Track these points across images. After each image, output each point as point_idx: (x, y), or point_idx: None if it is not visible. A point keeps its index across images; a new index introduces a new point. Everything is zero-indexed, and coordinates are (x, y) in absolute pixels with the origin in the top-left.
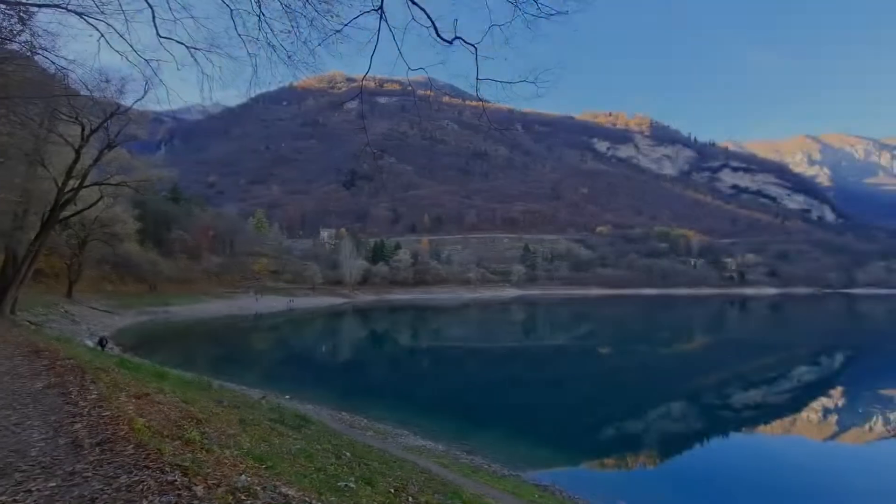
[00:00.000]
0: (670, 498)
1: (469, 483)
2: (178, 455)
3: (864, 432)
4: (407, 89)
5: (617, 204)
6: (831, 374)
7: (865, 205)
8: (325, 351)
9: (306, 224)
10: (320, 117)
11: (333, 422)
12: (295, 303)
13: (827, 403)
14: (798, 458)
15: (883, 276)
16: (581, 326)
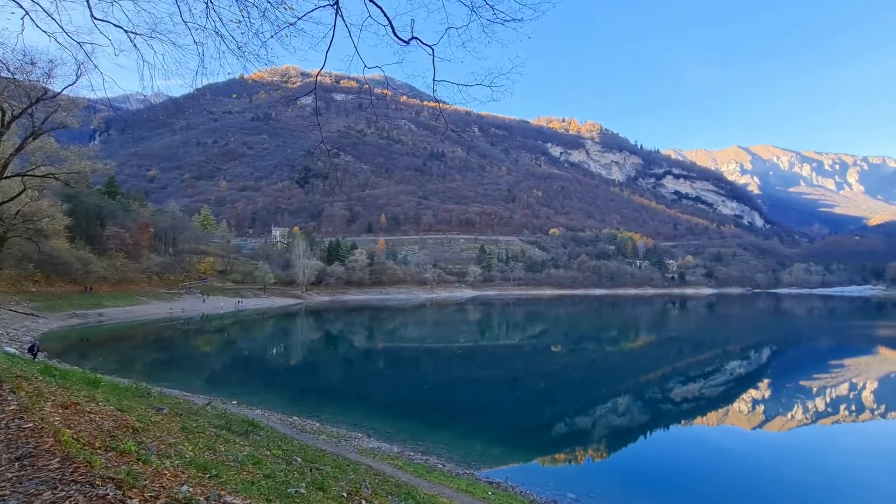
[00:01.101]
0: (617, 488)
1: (423, 483)
2: (112, 467)
3: (786, 420)
4: (364, 87)
5: (569, 207)
6: (758, 367)
7: (789, 212)
8: (275, 353)
9: (257, 222)
10: (273, 112)
11: (284, 427)
12: (244, 304)
13: (755, 395)
14: (730, 447)
15: (803, 277)
16: (535, 326)
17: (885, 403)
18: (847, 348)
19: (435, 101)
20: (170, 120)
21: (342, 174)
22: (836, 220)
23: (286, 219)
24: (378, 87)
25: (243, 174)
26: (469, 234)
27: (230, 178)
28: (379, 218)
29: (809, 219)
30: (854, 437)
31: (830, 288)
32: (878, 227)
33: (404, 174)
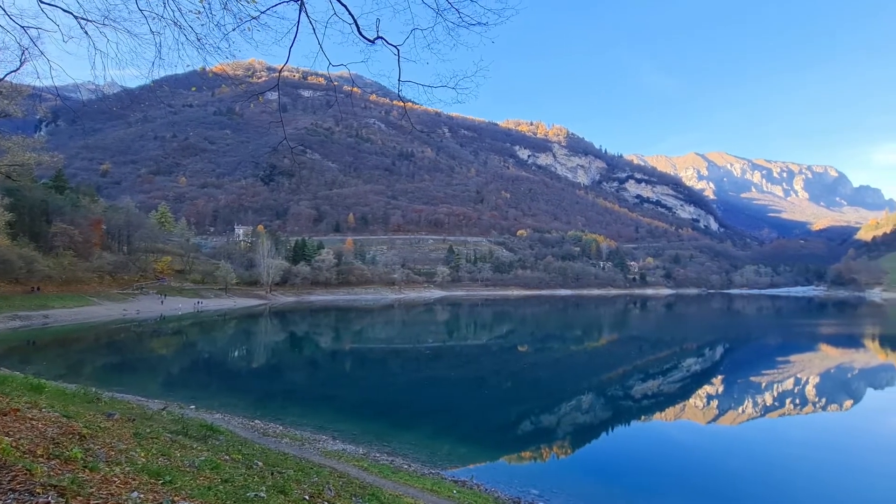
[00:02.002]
0: (579, 483)
1: (388, 484)
2: (55, 475)
3: (737, 415)
4: (332, 84)
5: (536, 209)
6: (712, 364)
7: (741, 216)
8: (237, 356)
9: (219, 220)
10: (236, 106)
11: (245, 431)
12: (204, 304)
13: (709, 391)
14: (686, 441)
15: (753, 279)
16: (502, 326)
17: (825, 397)
18: (792, 345)
19: (402, 100)
20: (124, 112)
21: (309, 172)
22: (784, 224)
23: (250, 217)
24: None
25: (204, 170)
26: (438, 235)
27: (190, 174)
28: (347, 217)
29: (759, 223)
30: (798, 429)
31: (778, 289)
32: (821, 231)
33: (373, 173)
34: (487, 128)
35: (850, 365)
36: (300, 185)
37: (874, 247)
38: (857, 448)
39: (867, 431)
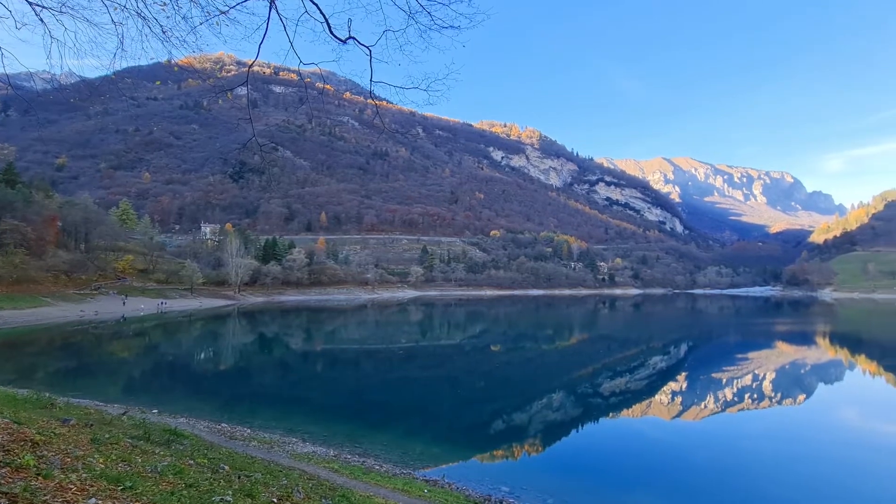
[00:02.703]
0: (549, 479)
1: (359, 485)
2: (5, 483)
3: (700, 410)
4: (304, 81)
5: (509, 210)
6: (677, 362)
7: (704, 219)
8: (203, 358)
9: (184, 218)
10: (204, 100)
11: (211, 434)
12: (168, 305)
13: (674, 387)
14: (653, 435)
15: (715, 279)
16: (475, 326)
17: (781, 392)
18: (750, 343)
19: (375, 99)
20: (83, 103)
21: (280, 170)
22: (744, 227)
23: (218, 215)
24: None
25: (169, 166)
26: (412, 235)
27: (154, 169)
28: (319, 216)
29: (721, 226)
30: (755, 422)
31: (738, 289)
32: (777, 234)
33: (346, 172)
34: (462, 128)
35: (803, 361)
36: (271, 182)
37: (825, 249)
38: (810, 439)
39: (818, 423)
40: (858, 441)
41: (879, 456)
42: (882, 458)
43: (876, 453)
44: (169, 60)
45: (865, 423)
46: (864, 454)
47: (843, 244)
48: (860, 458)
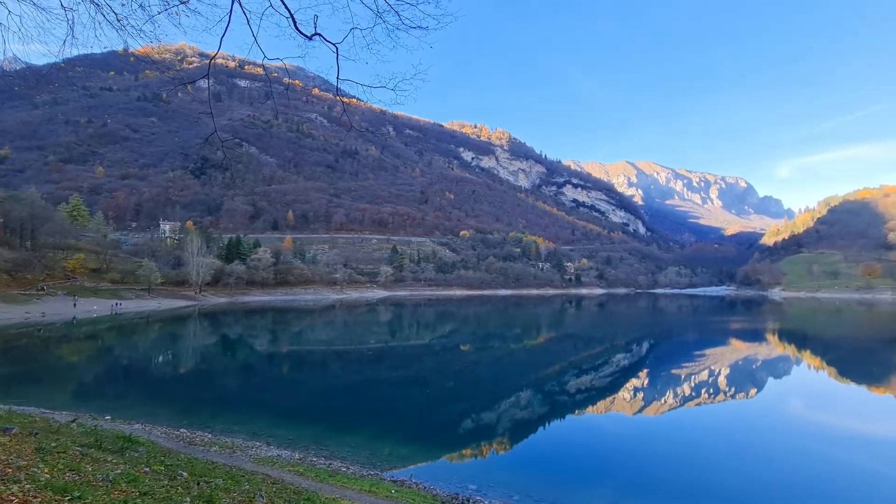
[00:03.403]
0: (516, 476)
1: (325, 488)
2: None
3: (660, 405)
4: (271, 76)
5: (479, 210)
6: (639, 359)
7: (665, 221)
8: (161, 361)
9: (142, 215)
10: (164, 93)
11: (169, 441)
12: (123, 306)
13: (636, 384)
14: (616, 431)
15: (675, 279)
16: (445, 326)
17: (734, 386)
18: (707, 340)
19: (344, 96)
20: (29, 92)
21: (245, 166)
22: (701, 229)
23: (178, 212)
24: (287, 76)
25: (126, 160)
26: (381, 235)
27: (109, 163)
28: (286, 215)
29: (681, 228)
30: (711, 416)
31: (695, 288)
32: (732, 236)
33: (314, 170)
34: (432, 128)
35: (754, 357)
36: (235, 179)
37: (775, 251)
38: (760, 430)
39: (768, 416)
40: (804, 431)
41: (822, 445)
42: (824, 448)
43: (820, 443)
44: (125, 50)
45: (810, 414)
46: (810, 444)
47: (791, 246)
48: (806, 448)
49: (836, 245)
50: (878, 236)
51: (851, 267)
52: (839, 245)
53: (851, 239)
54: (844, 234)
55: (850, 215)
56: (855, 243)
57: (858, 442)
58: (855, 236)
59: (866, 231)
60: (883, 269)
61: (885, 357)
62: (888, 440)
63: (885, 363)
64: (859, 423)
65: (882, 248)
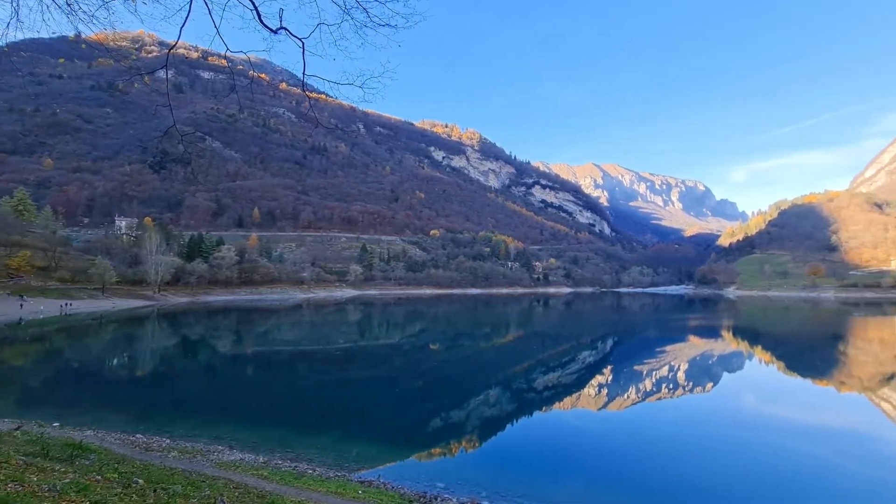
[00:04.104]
0: (484, 473)
1: (290, 490)
2: None
3: (623, 400)
4: (236, 68)
5: (450, 210)
6: (604, 356)
7: (628, 222)
8: (115, 364)
9: (95, 210)
10: (120, 82)
11: (123, 447)
12: (74, 307)
13: (601, 380)
14: (581, 426)
15: (638, 279)
16: (415, 325)
17: (692, 381)
18: (668, 338)
19: (311, 91)
20: None
21: (208, 161)
22: (663, 231)
23: (135, 208)
24: (253, 70)
25: (77, 152)
26: (351, 233)
27: (59, 155)
28: (251, 212)
29: (644, 229)
30: (671, 409)
31: (657, 287)
32: (691, 237)
33: (282, 166)
34: (403, 127)
35: (710, 353)
36: (197, 174)
37: (730, 252)
38: (716, 422)
39: (723, 408)
40: (756, 423)
41: (773, 436)
42: (774, 438)
43: (771, 433)
44: (76, 36)
45: (762, 406)
46: (762, 435)
47: (745, 247)
48: (758, 439)
49: (785, 246)
50: (823, 238)
51: (799, 267)
52: (788, 246)
53: (799, 241)
54: (793, 236)
55: (798, 218)
56: (802, 245)
57: (805, 431)
58: (802, 238)
59: (812, 233)
60: (826, 269)
61: (828, 352)
62: (830, 429)
63: (828, 358)
64: (805, 414)
65: (826, 250)
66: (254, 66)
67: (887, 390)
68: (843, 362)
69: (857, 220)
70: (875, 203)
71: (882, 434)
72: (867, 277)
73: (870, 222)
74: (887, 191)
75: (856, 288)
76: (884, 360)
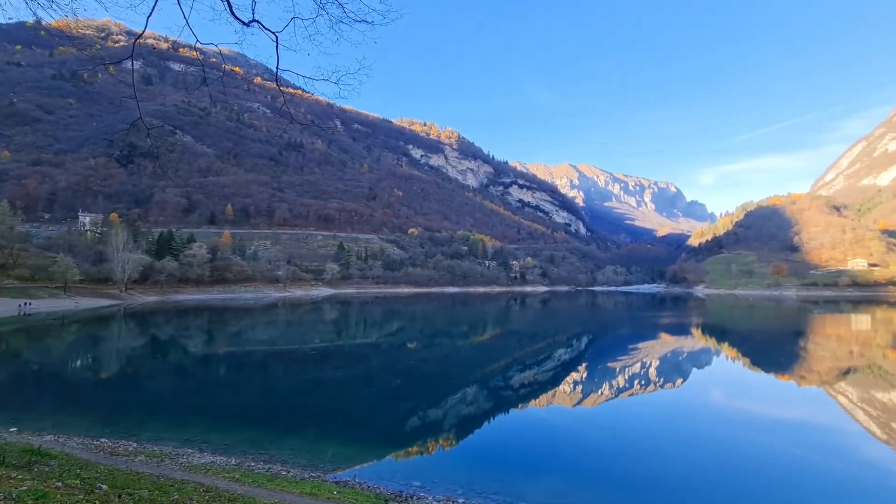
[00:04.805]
0: (461, 470)
1: (263, 493)
2: None
3: (598, 396)
4: (209, 60)
5: (428, 208)
6: (578, 353)
7: (603, 222)
8: (79, 366)
9: (57, 205)
10: (84, 72)
11: (87, 452)
12: (33, 306)
13: (576, 377)
14: (557, 423)
15: (612, 277)
16: (392, 324)
17: (663, 377)
18: (640, 335)
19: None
20: None
21: (179, 156)
22: (636, 231)
23: (101, 203)
24: (227, 63)
25: (37, 144)
26: (328, 231)
27: (17, 147)
28: (225, 208)
29: (618, 229)
30: (643, 405)
31: (630, 286)
32: (663, 237)
33: (256, 162)
34: (381, 124)
35: (681, 349)
36: (167, 169)
37: (700, 252)
38: (686, 417)
39: (693, 403)
40: (724, 417)
41: (739, 430)
42: (741, 432)
43: (737, 428)
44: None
45: (729, 401)
46: (729, 429)
47: (713, 247)
48: (726, 433)
49: (751, 246)
50: (786, 239)
51: (763, 266)
52: (754, 246)
53: (764, 241)
54: (758, 237)
55: (763, 220)
56: (767, 245)
57: (768, 424)
58: (767, 238)
59: (776, 234)
60: (788, 268)
61: (789, 348)
62: (791, 422)
63: (789, 354)
64: (768, 408)
65: (788, 250)
66: (227, 59)
67: (843, 384)
68: (803, 358)
69: (817, 222)
70: (834, 206)
71: (838, 426)
72: (826, 277)
73: (828, 224)
74: (845, 194)
75: (815, 287)
76: (840, 356)
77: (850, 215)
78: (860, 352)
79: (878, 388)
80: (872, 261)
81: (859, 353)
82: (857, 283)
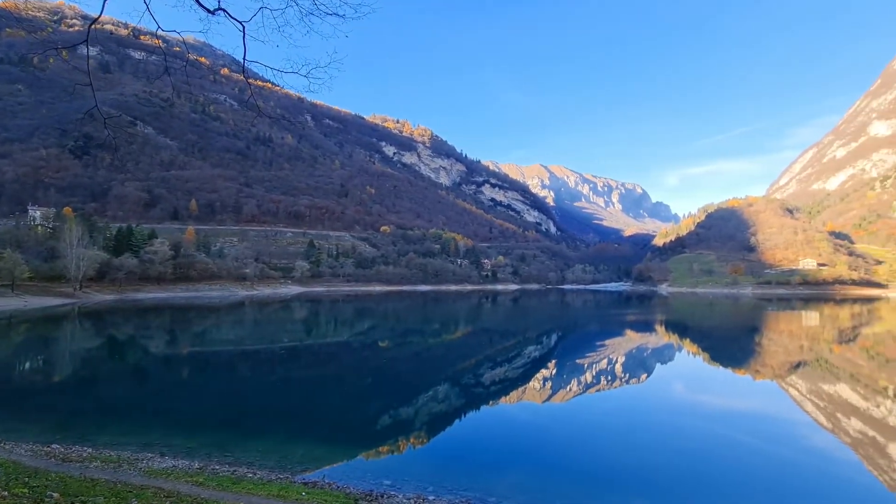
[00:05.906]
0: (431, 468)
1: (228, 496)
2: None
3: (566, 393)
4: (173, 49)
5: (400, 206)
6: (548, 350)
7: (573, 222)
8: (27, 369)
9: (4, 198)
10: (35, 57)
11: (36, 459)
12: None
13: (545, 374)
14: (526, 419)
15: (581, 276)
16: (364, 322)
17: (629, 372)
18: (607, 332)
19: (254, 78)
20: None
21: (139, 148)
22: (604, 230)
23: (53, 196)
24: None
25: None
26: (298, 228)
27: None
28: (188, 204)
29: (587, 229)
30: (610, 400)
31: (598, 284)
32: (630, 237)
33: (223, 156)
34: (354, 120)
35: (645, 346)
36: (127, 162)
37: (664, 251)
38: (651, 410)
39: (657, 397)
40: (686, 410)
41: (701, 421)
42: (702, 423)
43: (699, 419)
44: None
45: (691, 395)
46: (691, 420)
47: (677, 247)
48: (688, 424)
49: (711, 246)
50: (744, 239)
51: (723, 266)
52: (714, 246)
53: (723, 241)
54: (718, 238)
55: (723, 221)
56: (726, 245)
57: (726, 415)
58: (726, 239)
59: (734, 235)
60: (745, 268)
61: (745, 344)
62: (747, 413)
63: (745, 348)
64: (726, 400)
65: (745, 250)
66: (191, 48)
67: (794, 377)
68: (758, 353)
69: (772, 224)
70: (787, 208)
71: (790, 417)
72: (779, 276)
73: (782, 226)
74: (797, 197)
75: (769, 285)
76: (791, 351)
77: (801, 217)
78: (809, 346)
79: (825, 381)
80: (821, 261)
81: (808, 348)
82: (808, 281)
